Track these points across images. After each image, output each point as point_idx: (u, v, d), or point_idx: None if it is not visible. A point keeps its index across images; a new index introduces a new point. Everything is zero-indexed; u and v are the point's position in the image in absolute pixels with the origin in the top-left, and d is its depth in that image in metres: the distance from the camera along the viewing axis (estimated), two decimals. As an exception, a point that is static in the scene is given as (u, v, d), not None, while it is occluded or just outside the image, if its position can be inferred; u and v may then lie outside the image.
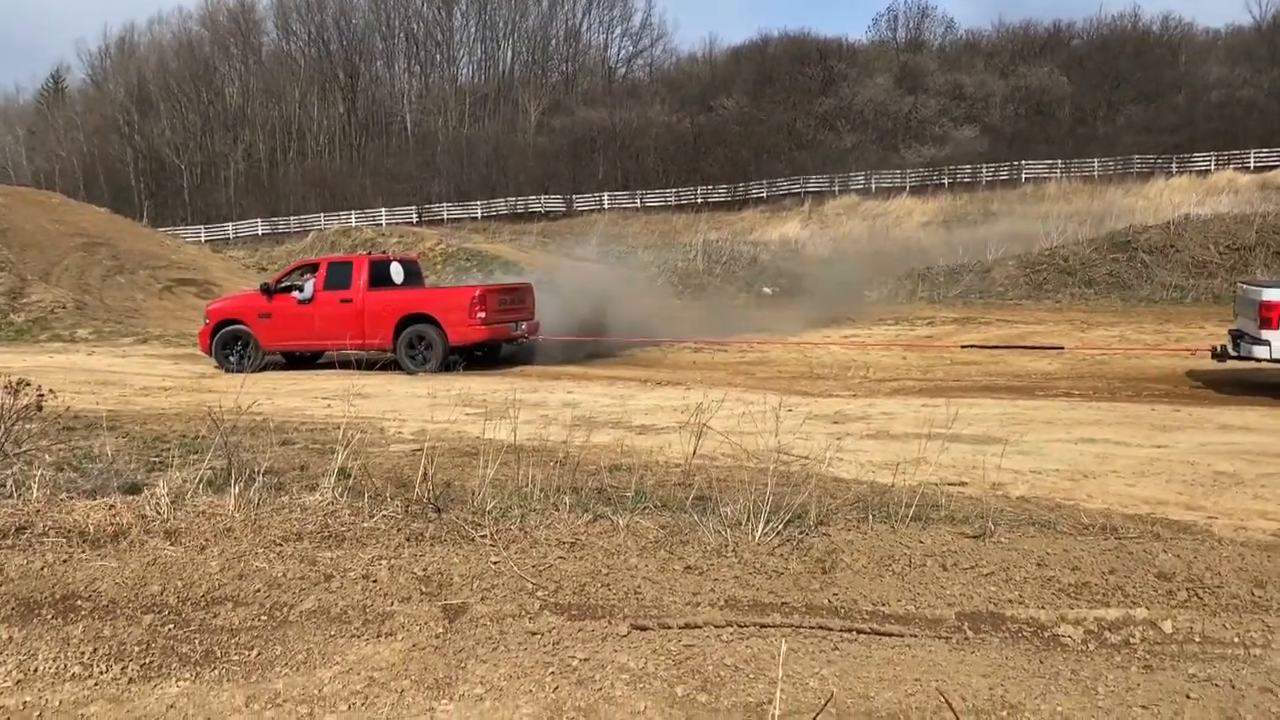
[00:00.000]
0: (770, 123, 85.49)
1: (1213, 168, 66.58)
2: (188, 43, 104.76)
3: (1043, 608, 5.76)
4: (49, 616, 5.90)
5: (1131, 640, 5.49)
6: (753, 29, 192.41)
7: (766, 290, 33.94)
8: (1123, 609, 5.73)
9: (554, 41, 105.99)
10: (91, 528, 6.85)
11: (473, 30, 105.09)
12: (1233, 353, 14.47)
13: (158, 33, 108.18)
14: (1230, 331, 15.26)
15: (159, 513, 7.04)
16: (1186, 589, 5.95)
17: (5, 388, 7.86)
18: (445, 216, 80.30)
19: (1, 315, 30.54)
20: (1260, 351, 13.73)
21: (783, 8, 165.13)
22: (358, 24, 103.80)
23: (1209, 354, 15.17)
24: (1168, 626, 5.57)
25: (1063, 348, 15.12)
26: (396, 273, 20.31)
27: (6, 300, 31.43)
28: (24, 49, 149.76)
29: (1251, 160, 66.78)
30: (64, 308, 31.14)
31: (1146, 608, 5.74)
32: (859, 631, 5.54)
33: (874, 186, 75.07)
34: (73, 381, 17.71)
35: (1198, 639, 5.49)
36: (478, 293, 18.77)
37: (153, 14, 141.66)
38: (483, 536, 6.66)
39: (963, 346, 15.44)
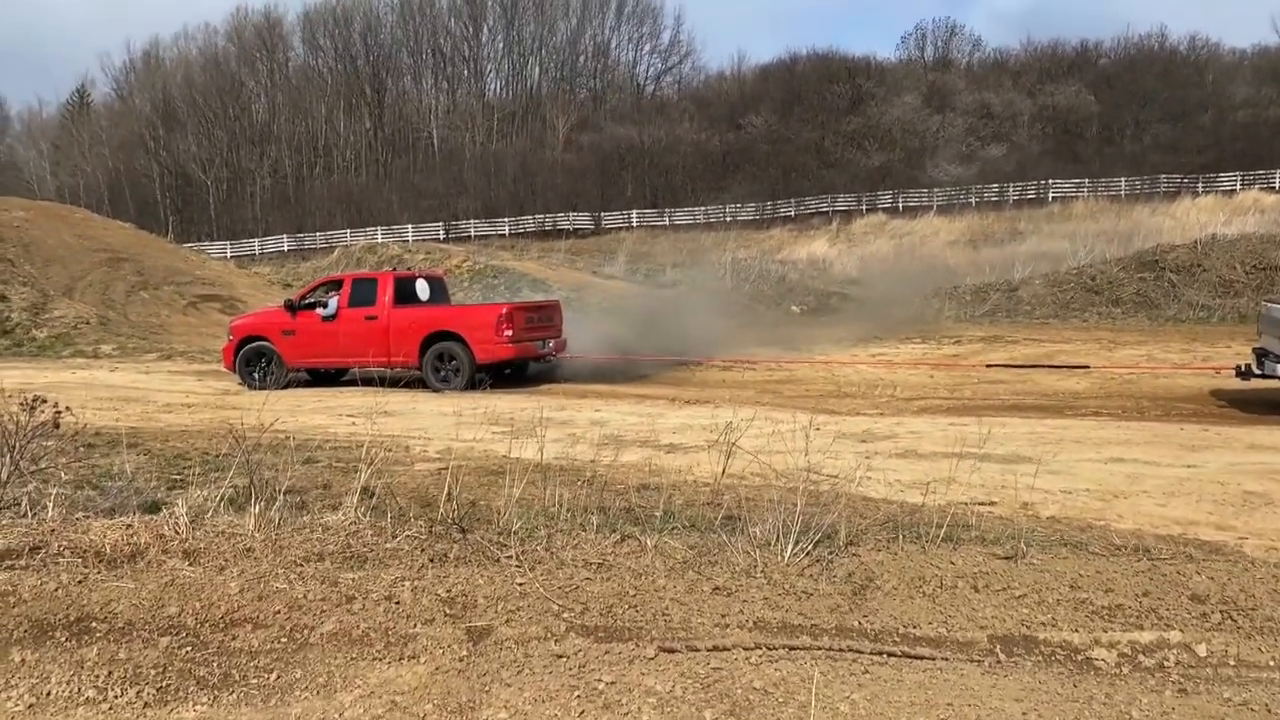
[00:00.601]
0: (798, 141, 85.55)
1: (1239, 188, 66.46)
2: (214, 58, 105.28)
3: (1076, 630, 5.66)
4: (63, 639, 5.84)
5: (1166, 664, 5.40)
6: (781, 47, 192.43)
7: (794, 309, 33.92)
8: (1157, 632, 5.63)
9: (582, 58, 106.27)
10: (108, 548, 6.79)
11: (500, 46, 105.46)
12: (1257, 371, 14.32)
13: (184, 48, 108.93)
14: (1254, 350, 15.09)
15: (177, 532, 6.97)
16: (1221, 611, 5.85)
17: (20, 405, 7.80)
18: (472, 233, 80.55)
19: (24, 331, 30.57)
20: None
21: (811, 26, 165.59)
22: (385, 39, 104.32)
23: (1233, 373, 15.00)
24: (1202, 650, 5.47)
25: (1088, 367, 14.98)
26: (422, 289, 20.23)
27: (29, 316, 31.45)
28: (46, 62, 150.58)
29: (1277, 180, 66.59)
30: (87, 323, 31.15)
31: (1181, 630, 5.65)
32: (890, 654, 5.46)
33: (901, 205, 75.00)
34: (95, 398, 17.74)
35: (1233, 662, 5.41)
36: (505, 310, 18.63)
37: (178, 29, 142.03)
38: (508, 557, 6.59)
39: (988, 365, 15.33)
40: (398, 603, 6.07)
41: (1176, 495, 9.28)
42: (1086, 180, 72.58)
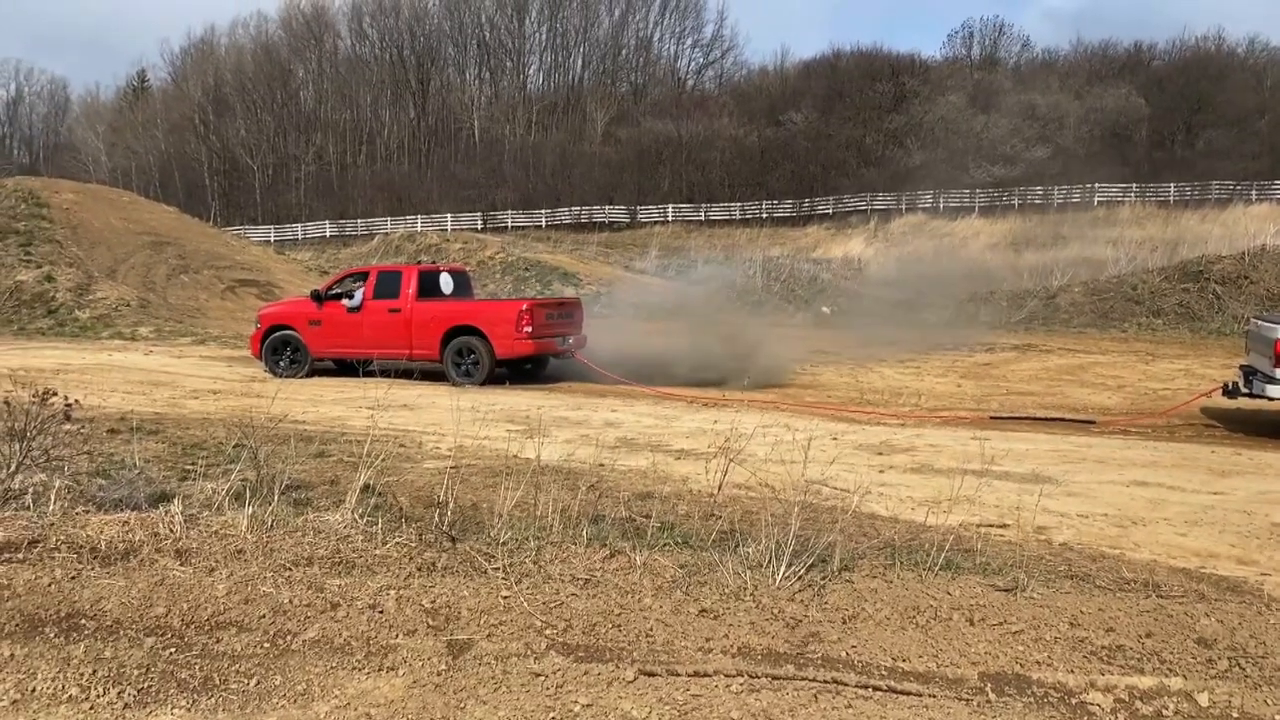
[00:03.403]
0: (839, 138, 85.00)
1: (1295, 196, 65.28)
2: (265, 45, 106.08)
3: (1072, 671, 5.48)
4: (52, 635, 5.83)
5: (1164, 712, 5.18)
6: (824, 43, 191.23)
7: (825, 310, 33.66)
8: (1157, 677, 5.43)
9: (624, 51, 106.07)
10: (104, 544, 6.79)
11: (543, 38, 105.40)
12: (1244, 389, 13.97)
13: (238, 35, 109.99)
14: (1242, 367, 14.78)
15: (172, 530, 6.95)
16: (1228, 658, 5.63)
17: (32, 397, 7.82)
18: (509, 224, 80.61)
19: (67, 311, 31.06)
20: (1274, 390, 13.23)
21: (856, 22, 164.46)
22: (431, 30, 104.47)
23: (1220, 391, 14.64)
24: (1204, 699, 5.25)
25: (1094, 421, 14.79)
26: (445, 284, 20.27)
27: (73, 296, 31.95)
28: (112, 49, 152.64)
29: (1337, 188, 65.44)
30: (128, 305, 31.57)
31: (1183, 677, 5.44)
32: (875, 689, 5.30)
33: (942, 205, 74.31)
34: (127, 381, 17.92)
35: (1235, 714, 5.16)
36: (525, 306, 18.65)
37: (235, 16, 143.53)
38: (496, 569, 6.50)
39: (991, 417, 15.17)
40: (381, 612, 6.00)
41: (1199, 524, 9.01)
42: (1134, 185, 71.60)
